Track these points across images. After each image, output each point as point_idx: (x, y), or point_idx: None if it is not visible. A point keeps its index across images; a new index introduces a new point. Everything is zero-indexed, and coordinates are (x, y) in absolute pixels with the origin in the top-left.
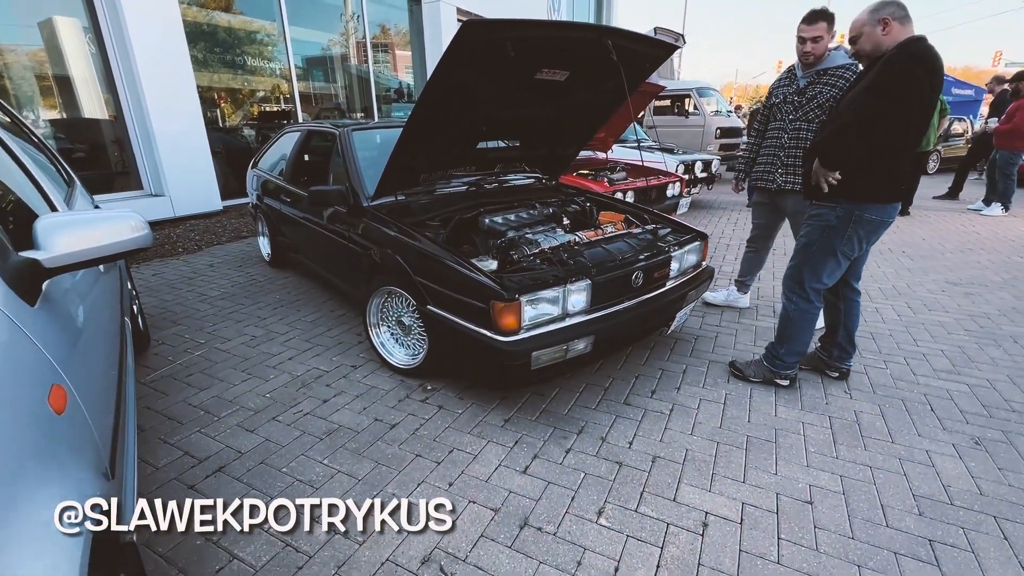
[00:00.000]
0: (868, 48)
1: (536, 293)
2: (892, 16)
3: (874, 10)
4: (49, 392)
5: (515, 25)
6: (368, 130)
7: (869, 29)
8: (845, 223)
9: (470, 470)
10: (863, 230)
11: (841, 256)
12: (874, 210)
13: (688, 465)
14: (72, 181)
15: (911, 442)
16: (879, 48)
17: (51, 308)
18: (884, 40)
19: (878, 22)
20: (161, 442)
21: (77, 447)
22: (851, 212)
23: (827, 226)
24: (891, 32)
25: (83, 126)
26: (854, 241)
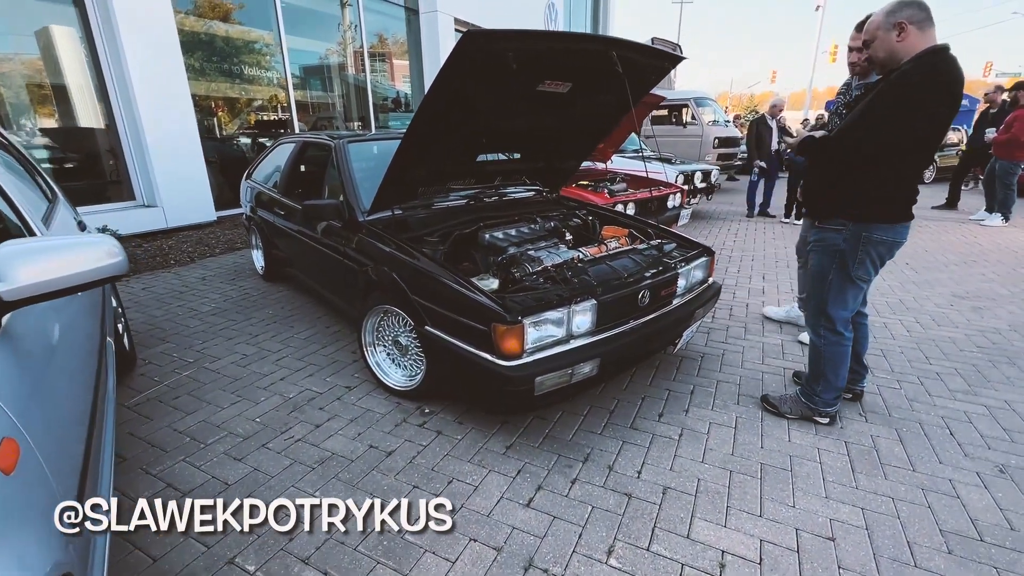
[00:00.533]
0: (882, 56)
1: (540, 314)
2: (910, 20)
3: (890, 12)
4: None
5: (519, 36)
6: (364, 142)
7: (883, 34)
8: (855, 246)
9: (471, 503)
10: (875, 252)
11: (858, 281)
12: (883, 230)
13: (701, 497)
14: (54, 196)
15: (933, 470)
16: (894, 57)
17: (10, 345)
18: (900, 48)
19: (893, 26)
20: (143, 472)
21: (28, 514)
22: (859, 234)
23: (837, 251)
24: (908, 39)
25: (78, 135)
26: (867, 264)
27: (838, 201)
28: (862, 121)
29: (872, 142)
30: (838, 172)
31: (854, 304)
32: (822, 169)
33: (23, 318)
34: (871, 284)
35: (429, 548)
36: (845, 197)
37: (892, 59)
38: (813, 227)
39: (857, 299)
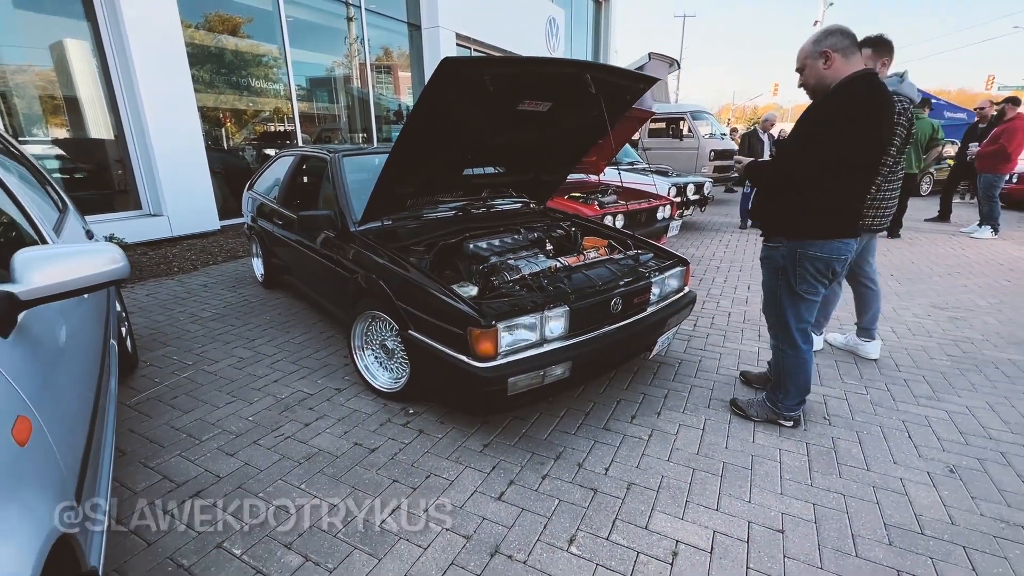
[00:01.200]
0: (812, 83)
1: (513, 319)
2: (833, 48)
3: (816, 41)
4: (13, 424)
5: (492, 62)
6: (360, 155)
7: (811, 62)
8: (793, 262)
9: (446, 496)
10: (812, 267)
11: (805, 295)
12: (816, 247)
13: (663, 492)
14: (65, 207)
15: (886, 470)
16: (822, 83)
17: (25, 339)
18: (827, 75)
19: (820, 55)
20: (141, 465)
21: (39, 478)
22: (795, 250)
23: (779, 267)
24: (833, 66)
25: (88, 146)
26: (808, 279)
27: (776, 220)
28: (790, 146)
29: (799, 164)
30: (774, 193)
31: (809, 316)
32: (763, 193)
33: (36, 318)
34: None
35: (403, 536)
36: (781, 216)
37: (821, 85)
38: (763, 244)
39: (811, 311)
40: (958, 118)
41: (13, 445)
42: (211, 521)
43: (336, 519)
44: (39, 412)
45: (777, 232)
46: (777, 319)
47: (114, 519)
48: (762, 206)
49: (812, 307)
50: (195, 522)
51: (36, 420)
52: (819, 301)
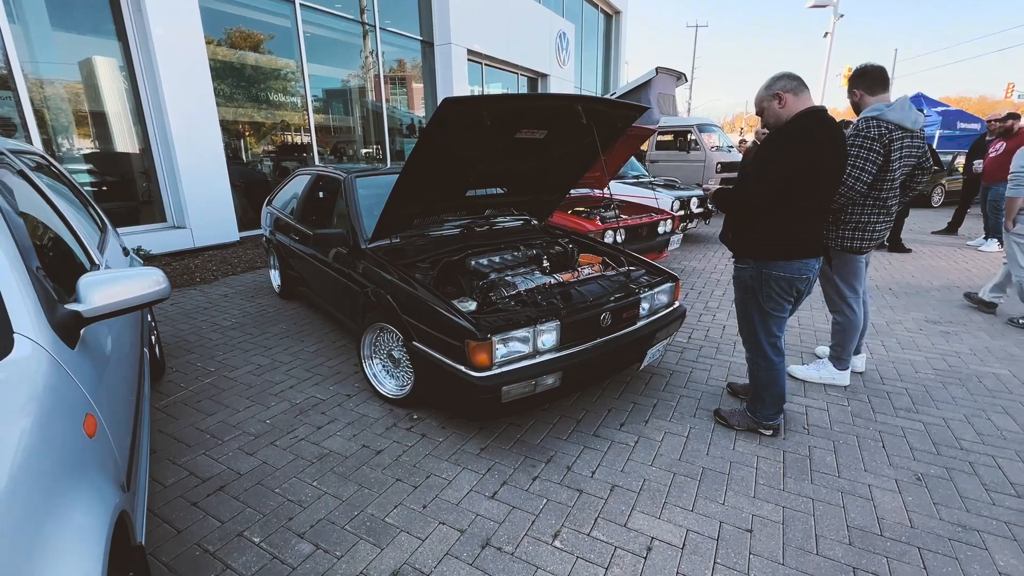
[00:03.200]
0: (772, 121)
1: (508, 333)
2: (784, 90)
3: (768, 86)
4: (84, 420)
5: (490, 100)
6: (372, 176)
7: (767, 104)
8: (759, 282)
9: (444, 494)
10: (776, 286)
11: (772, 312)
12: (779, 267)
13: (643, 494)
14: (104, 226)
15: (856, 476)
16: (780, 120)
17: (87, 349)
18: (782, 113)
19: (774, 97)
20: (170, 463)
21: (103, 465)
22: (760, 270)
23: (747, 286)
24: (787, 104)
25: (116, 159)
26: (774, 297)
27: (742, 242)
28: (748, 176)
29: (755, 193)
30: (738, 216)
31: (778, 330)
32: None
33: (91, 331)
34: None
35: (404, 528)
36: (747, 238)
37: (778, 122)
38: (733, 264)
39: (781, 326)
40: (971, 129)
41: (85, 437)
42: (234, 512)
43: (344, 512)
44: (100, 411)
45: (744, 253)
46: (749, 334)
47: (149, 509)
48: (729, 230)
49: (781, 322)
50: (219, 513)
51: (99, 417)
52: (786, 317)
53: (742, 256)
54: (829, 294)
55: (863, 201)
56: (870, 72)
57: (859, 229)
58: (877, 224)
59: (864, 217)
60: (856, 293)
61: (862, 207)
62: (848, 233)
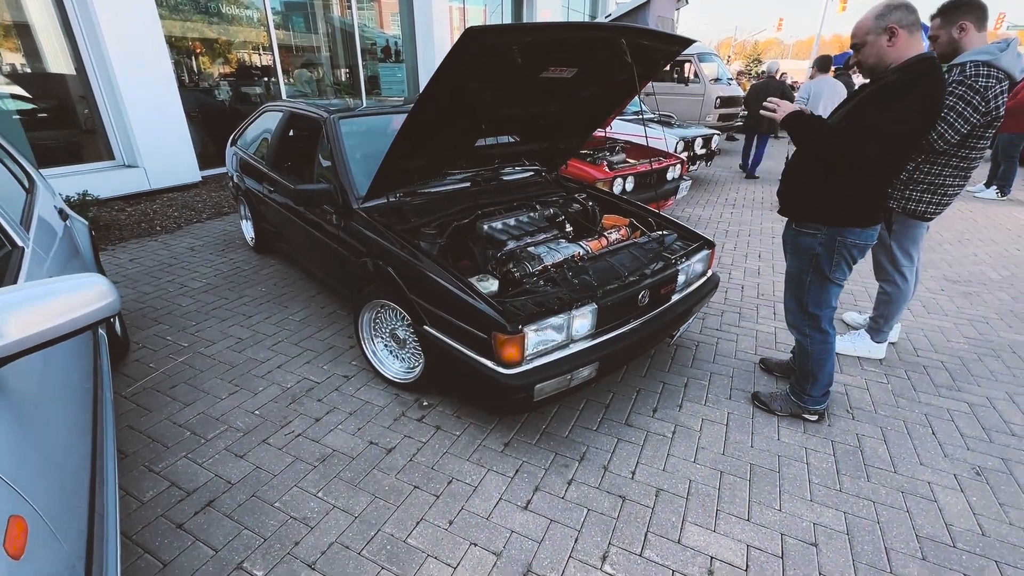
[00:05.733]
0: (871, 61)
1: (540, 321)
2: (899, 24)
3: (880, 15)
4: (5, 533)
5: (522, 29)
6: (357, 116)
7: (873, 38)
8: (830, 250)
9: (470, 505)
10: (849, 254)
11: (837, 281)
12: (856, 234)
13: (692, 500)
14: (32, 184)
15: (913, 472)
16: (883, 62)
17: (4, 405)
18: (889, 53)
19: (884, 31)
20: (146, 470)
21: None
22: (834, 238)
23: (814, 255)
24: (898, 44)
25: (46, 81)
26: (843, 266)
27: (814, 204)
28: (850, 123)
29: (860, 147)
30: (816, 172)
31: (835, 301)
32: (802, 166)
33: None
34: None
35: (431, 553)
36: (822, 201)
37: (881, 64)
38: (789, 227)
39: (837, 296)
40: None
41: (8, 563)
42: (227, 537)
43: (359, 533)
44: (34, 498)
45: (813, 218)
46: (802, 305)
47: (125, 534)
48: (797, 188)
49: (839, 292)
50: (211, 537)
51: (33, 513)
52: (843, 286)
53: (809, 220)
54: (881, 261)
55: (943, 160)
56: (979, 3)
57: (931, 191)
58: (951, 187)
59: (940, 178)
60: (912, 262)
61: (942, 166)
62: (917, 195)
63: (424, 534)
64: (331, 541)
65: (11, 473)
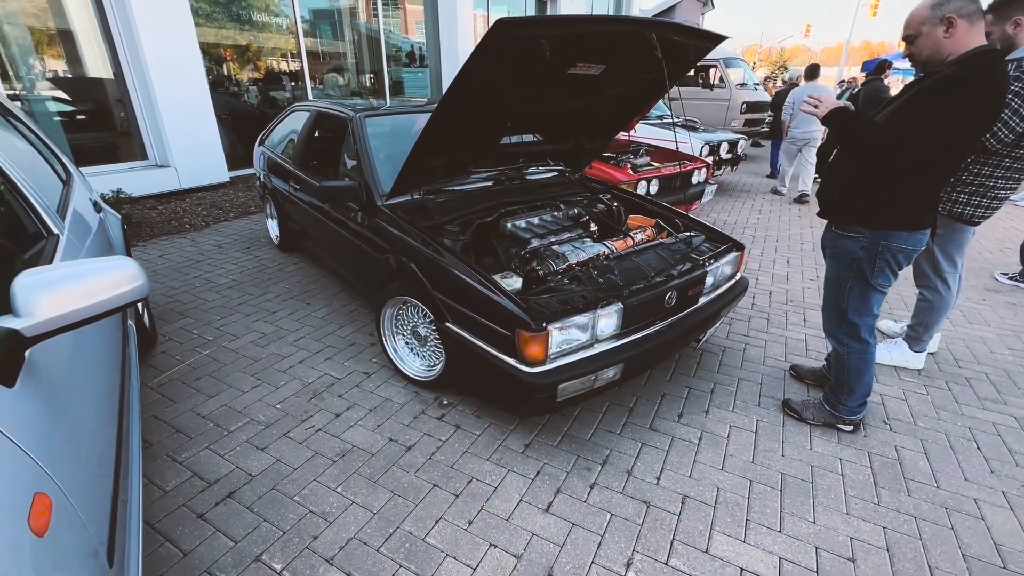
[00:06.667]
0: (926, 54)
1: (566, 320)
2: (959, 13)
3: (937, 4)
4: (29, 509)
5: (552, 22)
6: (382, 115)
7: (929, 29)
8: (873, 255)
9: (490, 506)
10: (893, 260)
11: (879, 288)
12: (902, 239)
13: (721, 508)
14: (69, 177)
15: (958, 487)
16: (939, 54)
17: (34, 382)
18: (946, 45)
19: (941, 20)
20: (169, 460)
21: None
22: (877, 242)
23: (855, 259)
24: (956, 35)
25: (86, 85)
26: (887, 272)
27: (857, 206)
28: (899, 121)
29: (907, 146)
30: (859, 172)
31: (878, 309)
32: (844, 166)
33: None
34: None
35: (450, 553)
36: (866, 202)
37: (936, 57)
38: (828, 231)
39: (879, 304)
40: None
41: (31, 540)
42: (247, 528)
43: (377, 530)
44: (59, 476)
45: (856, 220)
46: (841, 312)
47: (147, 522)
48: (839, 189)
49: (881, 299)
50: (231, 528)
51: (58, 490)
52: (887, 293)
53: (851, 223)
54: (922, 266)
55: (995, 161)
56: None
57: (980, 194)
58: (1002, 190)
59: (991, 180)
60: (955, 268)
61: (993, 167)
62: (965, 197)
63: (443, 533)
64: (349, 537)
65: (38, 450)
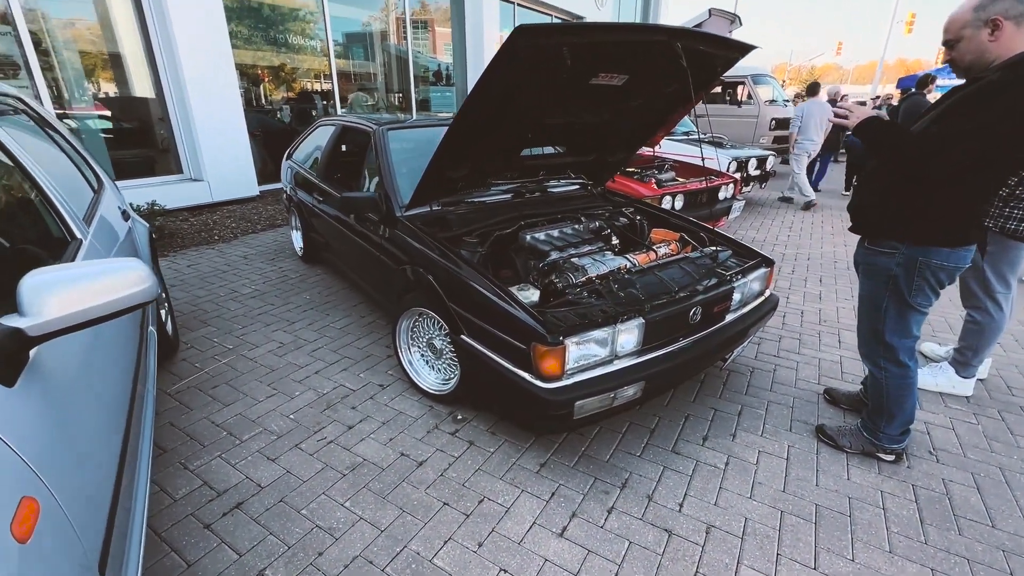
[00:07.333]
0: (968, 58)
1: (584, 334)
2: (1006, 15)
3: (980, 5)
4: (14, 514)
5: (573, 30)
6: (405, 128)
7: (971, 32)
8: (910, 272)
9: (502, 527)
10: (933, 278)
11: (920, 306)
12: (942, 255)
13: (749, 540)
14: (100, 185)
15: (1017, 528)
16: (983, 59)
17: (36, 383)
18: (992, 48)
19: (986, 23)
20: (181, 467)
21: None
22: (914, 258)
23: (889, 276)
24: (1002, 38)
25: (130, 104)
26: (926, 291)
27: (891, 219)
28: (939, 130)
29: (945, 156)
30: (894, 183)
31: (917, 330)
32: (877, 177)
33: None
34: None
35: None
36: (901, 215)
37: (980, 62)
38: (861, 246)
39: (920, 325)
40: None
41: (12, 546)
42: (252, 541)
43: (384, 548)
44: (53, 482)
45: (891, 235)
46: (877, 334)
47: (154, 530)
48: (872, 202)
49: (921, 320)
50: (236, 541)
51: (48, 497)
52: (928, 313)
53: (886, 238)
54: (971, 285)
55: None
56: None
57: None
58: None
59: None
60: (1008, 288)
61: None
62: (1020, 213)
63: (451, 555)
64: (355, 554)
65: (32, 454)
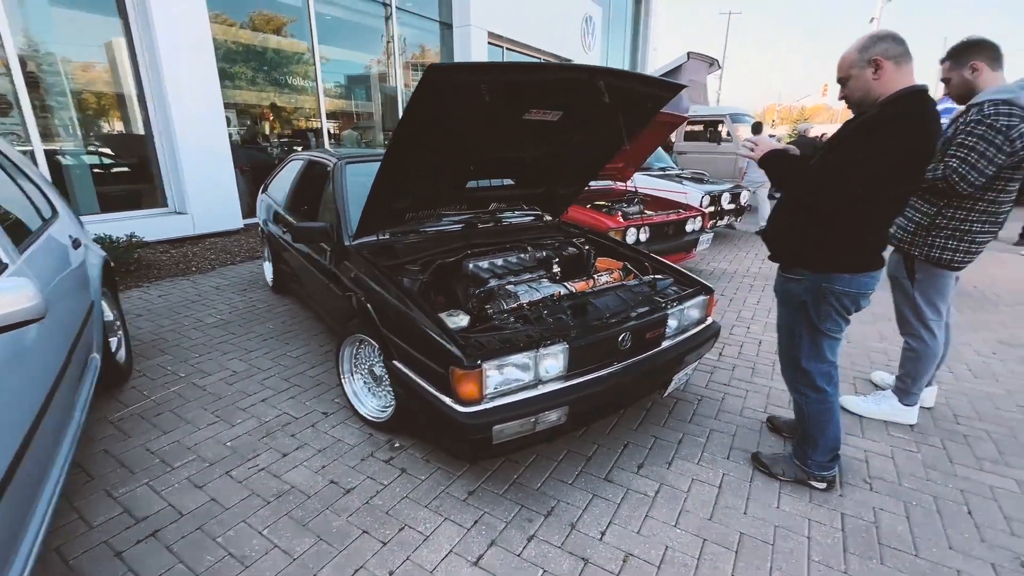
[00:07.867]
0: (857, 95)
1: (502, 358)
2: (885, 56)
3: (864, 47)
4: None
5: (488, 68)
6: (366, 162)
7: (858, 71)
8: (817, 298)
9: (417, 556)
10: (837, 303)
11: (829, 331)
12: (843, 281)
13: (665, 569)
14: (54, 213)
15: (941, 557)
16: (869, 96)
17: None
18: (875, 87)
19: (869, 63)
20: (105, 495)
21: None
22: (819, 284)
23: (801, 303)
24: (884, 77)
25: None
26: (834, 316)
27: (798, 247)
28: (831, 159)
29: (837, 185)
30: (798, 212)
31: (832, 355)
32: (785, 207)
33: None
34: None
35: None
36: (803, 243)
37: (868, 98)
38: (778, 274)
39: (835, 350)
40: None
41: None
42: (161, 569)
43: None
44: None
45: (798, 263)
46: (794, 359)
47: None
48: (780, 231)
49: (835, 345)
50: (144, 569)
51: None
52: (841, 339)
53: (795, 265)
54: (904, 314)
55: (969, 204)
56: (989, 43)
57: (956, 238)
58: (980, 234)
59: (966, 224)
60: (940, 315)
61: (968, 210)
62: (941, 242)
63: None
64: None
65: None
